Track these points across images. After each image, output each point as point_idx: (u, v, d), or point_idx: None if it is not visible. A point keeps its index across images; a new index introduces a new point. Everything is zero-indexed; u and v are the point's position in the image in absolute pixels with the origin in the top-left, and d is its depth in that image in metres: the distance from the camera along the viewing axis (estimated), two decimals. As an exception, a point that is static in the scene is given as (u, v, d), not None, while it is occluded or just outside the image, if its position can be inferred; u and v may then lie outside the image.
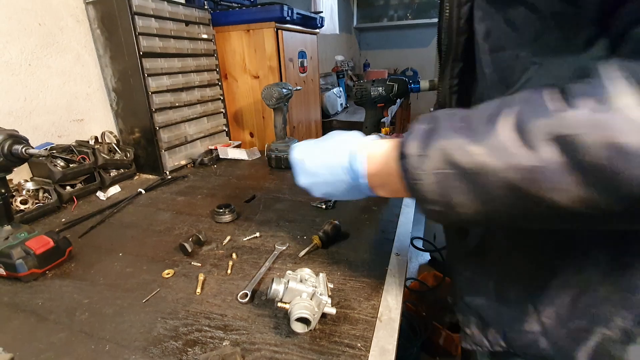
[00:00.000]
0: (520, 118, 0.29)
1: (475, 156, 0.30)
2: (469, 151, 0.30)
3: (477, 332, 0.46)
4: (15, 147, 0.56)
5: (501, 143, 0.29)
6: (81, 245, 0.71)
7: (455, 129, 0.32)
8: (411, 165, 0.34)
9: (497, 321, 0.44)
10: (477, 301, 0.45)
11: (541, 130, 0.27)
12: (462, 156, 0.30)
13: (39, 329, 0.50)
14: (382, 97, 0.97)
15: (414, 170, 0.33)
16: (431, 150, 0.32)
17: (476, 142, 0.30)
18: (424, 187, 0.33)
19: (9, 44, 0.90)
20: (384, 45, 4.36)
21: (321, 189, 0.48)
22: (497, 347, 0.44)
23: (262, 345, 0.45)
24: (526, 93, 0.31)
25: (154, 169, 1.13)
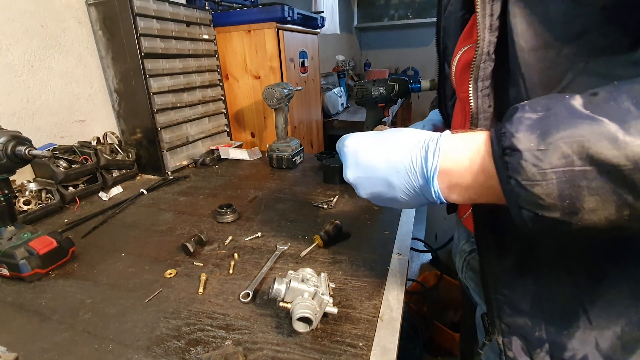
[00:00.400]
0: None
1: (628, 147, 0.24)
2: (620, 140, 0.24)
3: (522, 354, 0.42)
4: (18, 148, 0.57)
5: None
6: (84, 246, 0.72)
7: (585, 116, 0.26)
8: (527, 161, 0.27)
9: (544, 341, 0.40)
10: (519, 321, 0.41)
11: None
12: (607, 148, 0.24)
13: (43, 328, 0.50)
14: (383, 97, 0.97)
15: (531, 168, 0.27)
16: (556, 142, 0.26)
17: (625, 130, 0.24)
18: (544, 188, 0.27)
19: (12, 46, 0.90)
20: (385, 45, 4.36)
21: (374, 187, 0.41)
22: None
23: (264, 345, 0.45)
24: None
25: (155, 169, 1.14)
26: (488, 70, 0.38)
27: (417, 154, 0.37)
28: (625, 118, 0.25)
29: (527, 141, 0.28)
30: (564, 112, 0.27)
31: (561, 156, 0.26)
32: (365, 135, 0.43)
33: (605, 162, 0.25)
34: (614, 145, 0.24)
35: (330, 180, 1.00)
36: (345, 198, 0.89)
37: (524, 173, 0.27)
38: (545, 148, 0.27)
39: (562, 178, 0.26)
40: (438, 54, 0.60)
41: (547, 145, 0.27)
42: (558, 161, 0.26)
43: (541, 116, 0.28)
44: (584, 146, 0.25)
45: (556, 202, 0.27)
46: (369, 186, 0.41)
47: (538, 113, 0.29)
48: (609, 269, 0.36)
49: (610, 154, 0.25)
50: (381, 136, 0.41)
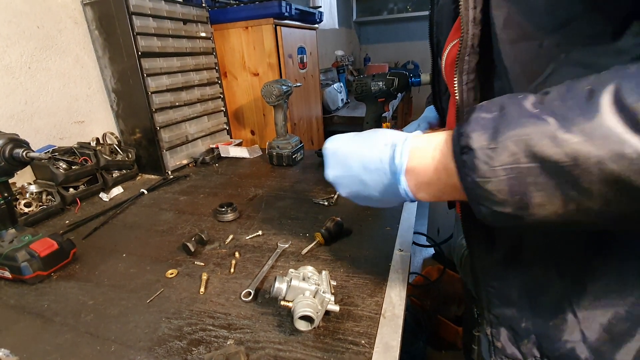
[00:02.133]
0: (622, 97, 0.24)
1: (566, 145, 0.25)
2: (559, 139, 0.26)
3: (509, 345, 0.43)
4: (16, 151, 0.57)
5: (602, 128, 0.24)
6: (85, 247, 0.72)
7: (532, 115, 0.28)
8: (479, 159, 0.29)
9: (531, 332, 0.41)
10: (507, 313, 0.42)
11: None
12: (548, 146, 0.26)
13: (45, 330, 0.50)
14: (382, 91, 0.96)
15: (483, 166, 0.29)
16: (505, 141, 0.28)
17: (566, 128, 0.26)
18: (495, 185, 0.28)
19: (9, 48, 0.90)
20: (384, 39, 4.33)
21: (351, 185, 0.43)
22: (531, 358, 0.42)
23: (266, 344, 0.45)
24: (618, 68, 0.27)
25: (155, 169, 1.14)
26: (472, 64, 0.38)
27: (385, 152, 0.38)
28: (567, 116, 0.26)
29: (480, 140, 0.29)
30: (515, 112, 0.29)
31: (509, 154, 0.28)
32: (344, 136, 0.45)
33: (547, 159, 0.26)
34: (554, 143, 0.26)
35: (331, 176, 0.99)
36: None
37: (477, 170, 0.29)
38: (495, 146, 0.28)
39: (510, 175, 0.28)
40: (431, 49, 0.59)
41: (497, 144, 0.28)
42: (506, 159, 0.28)
43: (494, 116, 0.30)
44: (528, 144, 0.27)
45: (507, 197, 0.28)
46: (346, 185, 0.43)
47: (492, 113, 0.30)
48: (595, 263, 0.37)
49: (552, 151, 0.26)
50: (358, 137, 0.43)
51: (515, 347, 0.42)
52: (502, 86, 0.37)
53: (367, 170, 0.40)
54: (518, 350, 0.42)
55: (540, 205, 0.28)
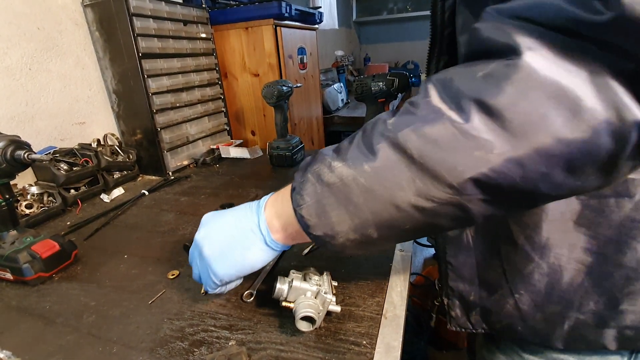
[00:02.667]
0: (366, 134, 0.33)
1: (336, 170, 0.33)
2: (333, 166, 0.34)
3: (461, 315, 0.49)
4: (17, 152, 0.57)
5: (353, 154, 0.33)
6: (87, 248, 0.72)
7: (326, 154, 0.36)
8: (295, 192, 0.36)
9: (478, 305, 0.47)
10: (460, 286, 0.48)
11: (376, 139, 0.31)
12: (328, 172, 0.34)
13: (47, 332, 0.50)
14: (383, 92, 0.96)
15: (296, 196, 0.36)
16: (307, 175, 0.36)
17: (338, 159, 0.34)
18: (306, 210, 0.35)
19: (10, 49, 0.90)
20: (384, 39, 4.33)
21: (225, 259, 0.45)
22: (480, 329, 0.48)
23: (267, 344, 0.45)
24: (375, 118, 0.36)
25: (156, 169, 1.14)
26: (441, 64, 0.44)
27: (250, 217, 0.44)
28: (340, 151, 0.35)
29: (297, 177, 0.37)
30: (322, 153, 0.37)
31: (310, 183, 0.35)
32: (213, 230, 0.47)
33: (328, 182, 0.34)
34: (329, 169, 0.34)
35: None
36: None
37: (296, 201, 0.36)
38: (302, 179, 0.36)
39: (313, 199, 0.35)
40: None
41: (303, 177, 0.36)
42: (309, 188, 0.35)
43: (309, 160, 0.38)
44: (319, 174, 0.35)
45: (316, 220, 0.35)
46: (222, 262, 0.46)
47: (310, 158, 0.38)
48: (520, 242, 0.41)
49: (329, 176, 0.34)
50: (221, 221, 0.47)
51: (466, 318, 0.48)
52: None
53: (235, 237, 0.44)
54: (468, 320, 0.48)
55: (339, 222, 0.34)
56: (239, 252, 0.44)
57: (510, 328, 0.45)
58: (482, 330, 0.48)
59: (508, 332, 0.45)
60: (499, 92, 0.25)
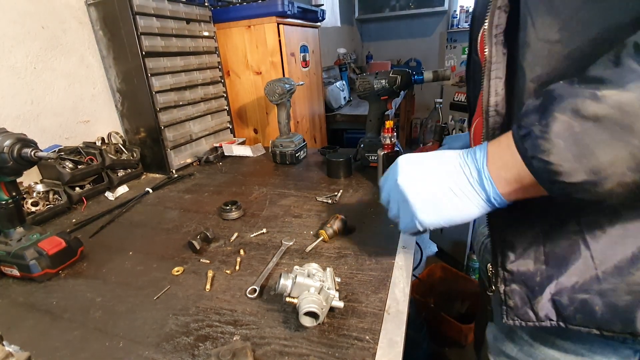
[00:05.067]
0: None
1: (608, 98, 0.28)
2: (600, 96, 0.28)
3: (522, 304, 0.42)
4: (24, 150, 0.57)
5: (632, 74, 0.27)
6: (92, 245, 0.73)
7: (574, 86, 0.30)
8: (536, 136, 0.31)
9: (545, 286, 0.41)
10: (522, 267, 0.42)
11: None
12: (594, 104, 0.28)
13: (54, 327, 0.51)
14: (385, 89, 0.96)
15: (540, 142, 0.30)
16: (552, 114, 0.30)
17: (603, 86, 0.28)
18: (557, 155, 0.29)
19: (14, 48, 0.91)
20: (387, 36, 4.31)
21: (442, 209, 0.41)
22: (545, 322, 0.41)
23: (271, 340, 0.46)
24: None
25: (160, 168, 1.14)
26: (502, 18, 0.40)
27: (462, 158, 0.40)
28: (600, 77, 0.29)
29: (532, 121, 0.32)
30: (554, 92, 0.31)
31: (560, 123, 0.30)
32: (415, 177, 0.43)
33: (596, 116, 0.28)
34: (596, 101, 0.28)
35: (334, 174, 1.00)
36: (350, 192, 0.88)
37: (537, 148, 0.31)
38: (546, 121, 0.30)
39: (568, 140, 0.29)
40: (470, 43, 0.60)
41: (546, 118, 0.30)
42: (559, 128, 0.30)
43: (539, 102, 0.32)
44: (574, 109, 0.29)
45: (574, 165, 0.29)
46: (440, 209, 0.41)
47: (536, 101, 0.33)
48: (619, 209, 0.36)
49: (597, 107, 0.28)
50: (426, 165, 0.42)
51: (529, 306, 0.42)
52: (526, 36, 0.38)
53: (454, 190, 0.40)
54: (531, 309, 0.42)
55: (610, 163, 0.28)
56: (453, 205, 0.39)
57: (585, 309, 0.38)
58: (547, 322, 0.41)
59: (582, 317, 0.39)
60: None
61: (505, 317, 0.44)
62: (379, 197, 0.46)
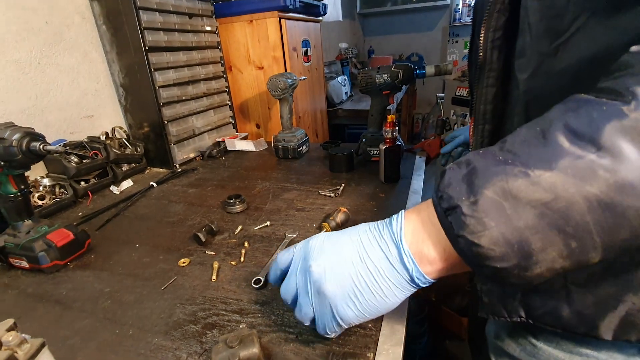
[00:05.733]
0: (572, 127, 0.26)
1: (543, 180, 0.25)
2: (534, 177, 0.26)
3: (495, 300, 0.42)
4: (32, 144, 0.58)
5: (565, 158, 0.25)
6: (99, 238, 0.74)
7: (500, 162, 0.28)
8: (466, 215, 0.28)
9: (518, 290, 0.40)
10: None
11: (608, 133, 0.24)
12: (528, 186, 0.26)
13: (65, 316, 0.53)
14: (387, 84, 0.96)
15: (470, 220, 0.28)
16: (483, 191, 0.27)
17: (537, 165, 0.26)
18: (488, 238, 0.27)
19: (18, 44, 0.91)
20: (389, 31, 4.29)
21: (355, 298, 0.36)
22: (515, 317, 0.41)
23: (276, 327, 0.47)
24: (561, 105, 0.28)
25: (163, 162, 1.16)
26: (501, 21, 0.38)
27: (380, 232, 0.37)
28: (532, 154, 0.27)
29: (460, 195, 0.28)
30: (483, 163, 0.29)
31: (490, 203, 0.27)
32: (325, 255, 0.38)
33: (531, 200, 0.26)
34: (530, 182, 0.26)
35: (337, 169, 1.00)
36: (352, 186, 0.89)
37: (466, 227, 0.28)
38: (476, 198, 0.28)
39: (499, 223, 0.27)
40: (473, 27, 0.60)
41: (476, 195, 0.28)
42: (489, 208, 0.27)
43: (466, 172, 0.29)
44: (505, 189, 0.27)
45: (506, 249, 0.27)
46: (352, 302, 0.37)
47: (462, 169, 0.30)
48: None
49: (532, 190, 0.26)
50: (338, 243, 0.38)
51: (501, 304, 0.42)
52: (523, 44, 0.36)
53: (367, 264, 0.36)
54: (503, 307, 0.42)
55: (542, 249, 0.26)
56: (375, 293, 0.36)
57: (553, 314, 0.38)
58: (517, 318, 0.41)
59: (549, 319, 0.39)
60: None
61: (480, 311, 0.45)
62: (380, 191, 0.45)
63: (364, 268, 0.36)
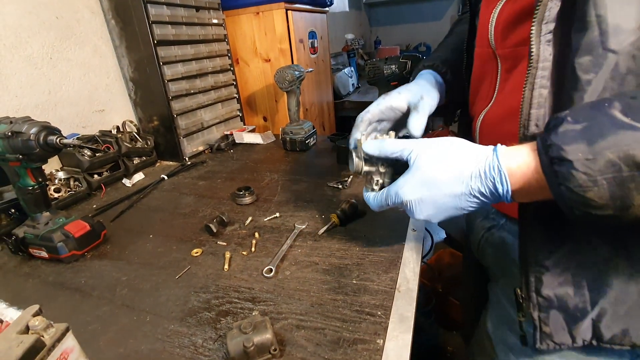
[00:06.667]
0: None
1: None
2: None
3: (560, 329, 0.41)
4: (49, 137, 0.60)
5: None
6: (114, 229, 0.76)
7: (625, 124, 0.28)
8: (578, 171, 0.29)
9: (588, 312, 0.39)
10: (561, 293, 0.40)
11: None
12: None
13: (84, 303, 0.55)
14: (395, 75, 0.96)
15: (582, 176, 0.29)
16: (603, 152, 0.28)
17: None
18: (596, 193, 0.29)
19: (30, 39, 0.93)
20: (396, 21, 4.23)
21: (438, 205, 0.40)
22: (579, 342, 0.40)
23: (288, 315, 0.48)
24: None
25: (173, 155, 1.17)
26: (554, 11, 0.34)
27: (483, 179, 0.37)
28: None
29: (575, 151, 0.29)
30: (607, 122, 0.29)
31: (609, 164, 0.28)
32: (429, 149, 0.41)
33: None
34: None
35: (344, 161, 1.01)
36: (360, 178, 0.90)
37: (574, 180, 0.29)
38: (594, 157, 0.28)
39: (612, 183, 0.28)
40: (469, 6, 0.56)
41: (594, 155, 0.28)
42: (607, 169, 0.28)
43: (585, 126, 0.30)
44: (628, 154, 0.27)
45: (608, 202, 0.29)
46: (432, 205, 0.40)
47: (581, 124, 0.30)
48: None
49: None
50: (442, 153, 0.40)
51: (567, 331, 0.40)
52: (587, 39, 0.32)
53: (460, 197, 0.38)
54: (569, 334, 0.40)
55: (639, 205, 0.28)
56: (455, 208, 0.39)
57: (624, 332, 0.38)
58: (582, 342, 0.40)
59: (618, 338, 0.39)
60: None
61: (539, 342, 0.42)
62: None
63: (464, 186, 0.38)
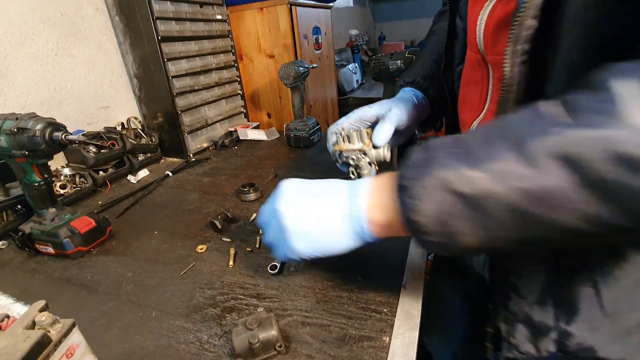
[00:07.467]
0: (519, 138, 0.27)
1: (475, 181, 0.28)
2: (468, 177, 0.29)
3: (524, 340, 0.43)
4: (55, 134, 0.60)
5: (502, 166, 0.27)
6: (119, 225, 0.76)
7: (451, 155, 0.31)
8: (409, 195, 0.32)
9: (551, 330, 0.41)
10: (525, 307, 0.42)
11: (544, 149, 0.26)
12: (462, 182, 0.29)
13: (90, 299, 0.55)
14: (400, 70, 0.95)
15: (412, 201, 0.31)
16: (427, 180, 0.31)
17: (475, 168, 0.29)
18: (423, 217, 0.31)
19: (36, 35, 0.93)
20: (400, 16, 4.19)
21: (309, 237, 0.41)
22: (544, 353, 0.42)
23: (293, 311, 0.48)
24: (522, 112, 0.30)
25: (178, 152, 1.17)
26: (531, 31, 0.33)
27: (346, 195, 0.40)
28: (472, 154, 0.30)
29: (406, 174, 0.33)
30: (441, 153, 0.32)
31: (431, 190, 0.30)
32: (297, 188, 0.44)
33: (462, 193, 0.29)
34: (464, 179, 0.29)
35: (349, 157, 1.00)
36: (365, 174, 0.89)
37: (407, 206, 0.32)
38: (420, 184, 0.31)
39: (437, 208, 0.30)
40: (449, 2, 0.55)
41: (420, 182, 0.31)
42: (431, 195, 0.31)
43: (422, 157, 0.33)
44: (447, 182, 0.30)
45: (437, 229, 0.31)
46: None
47: (421, 154, 0.33)
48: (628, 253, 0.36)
49: (464, 186, 0.29)
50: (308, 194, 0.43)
51: (531, 343, 0.42)
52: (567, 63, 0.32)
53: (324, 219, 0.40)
54: (534, 345, 0.42)
55: (464, 234, 0.30)
56: (325, 235, 0.40)
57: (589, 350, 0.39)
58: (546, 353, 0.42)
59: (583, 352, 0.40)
60: None
61: (506, 351, 0.44)
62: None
63: (321, 214, 0.40)
